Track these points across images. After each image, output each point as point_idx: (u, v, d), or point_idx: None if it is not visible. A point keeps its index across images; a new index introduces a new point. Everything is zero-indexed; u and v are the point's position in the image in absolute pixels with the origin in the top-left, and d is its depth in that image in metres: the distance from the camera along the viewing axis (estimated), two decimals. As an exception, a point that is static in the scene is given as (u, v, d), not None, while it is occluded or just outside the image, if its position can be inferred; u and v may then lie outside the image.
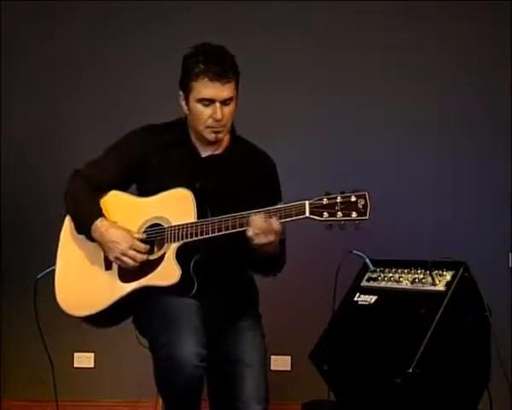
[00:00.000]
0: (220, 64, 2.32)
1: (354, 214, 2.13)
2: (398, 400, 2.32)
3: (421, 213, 3.82)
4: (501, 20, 3.83)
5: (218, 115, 2.34)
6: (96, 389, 3.84)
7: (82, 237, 2.42)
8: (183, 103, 2.41)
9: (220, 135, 2.40)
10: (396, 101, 3.87)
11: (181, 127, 2.47)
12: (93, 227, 2.36)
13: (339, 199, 2.15)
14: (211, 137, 2.40)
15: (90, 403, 3.81)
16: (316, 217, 2.15)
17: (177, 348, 2.10)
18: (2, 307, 3.78)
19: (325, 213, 2.14)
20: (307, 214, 2.15)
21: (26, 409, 3.78)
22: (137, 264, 2.32)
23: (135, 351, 2.50)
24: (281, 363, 3.79)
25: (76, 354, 3.85)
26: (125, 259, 2.31)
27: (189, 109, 2.40)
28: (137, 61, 3.89)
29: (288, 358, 3.83)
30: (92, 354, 3.86)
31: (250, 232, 2.20)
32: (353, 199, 2.14)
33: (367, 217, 2.13)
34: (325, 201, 2.15)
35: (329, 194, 2.16)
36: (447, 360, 2.37)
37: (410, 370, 2.25)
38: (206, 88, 2.33)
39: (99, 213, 2.38)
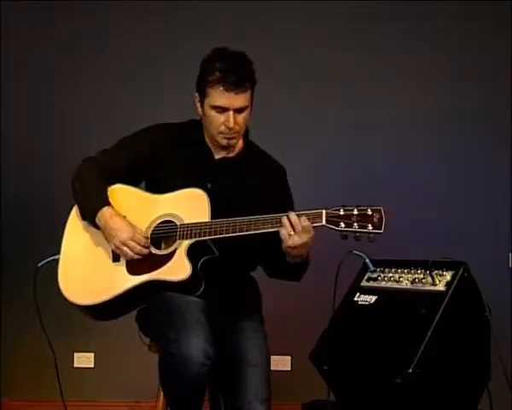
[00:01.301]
0: (237, 73, 2.33)
1: (370, 227, 2.19)
2: (398, 400, 2.32)
3: (421, 213, 3.82)
4: (501, 20, 3.83)
5: (231, 124, 2.36)
6: (96, 389, 3.84)
7: (89, 227, 2.42)
8: (198, 105, 2.43)
9: (232, 141, 2.43)
10: (396, 101, 3.88)
11: (195, 128, 2.49)
12: (99, 214, 2.36)
13: (355, 211, 2.20)
14: (223, 142, 2.43)
15: (90, 403, 3.81)
16: (332, 226, 2.20)
17: (185, 345, 2.10)
18: (2, 307, 3.79)
19: (341, 224, 2.20)
20: (324, 223, 2.20)
21: (26, 409, 3.78)
22: (134, 256, 2.32)
23: (135, 351, 2.50)
24: (281, 363, 3.79)
25: (76, 354, 3.85)
26: (124, 248, 2.32)
27: (203, 112, 2.42)
28: (138, 61, 3.89)
29: (288, 358, 3.83)
30: (92, 354, 3.86)
31: (283, 232, 2.22)
32: (369, 212, 2.20)
33: (382, 231, 2.19)
34: (342, 212, 2.20)
35: (345, 206, 2.21)
36: (447, 360, 2.37)
37: (410, 370, 2.25)
38: (221, 97, 2.34)
39: (107, 201, 2.38)
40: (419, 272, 2.53)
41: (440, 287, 2.43)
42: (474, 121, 3.86)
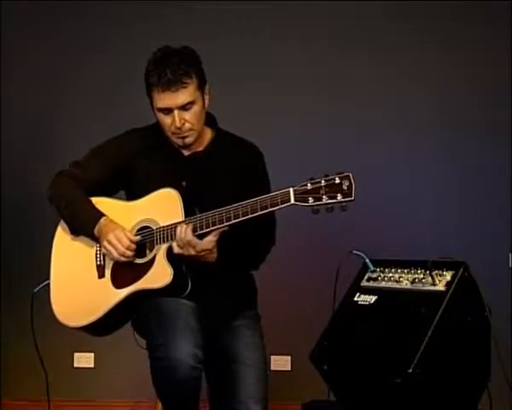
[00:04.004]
0: (172, 71, 2.28)
1: (339, 196, 2.10)
2: (398, 400, 2.31)
3: (421, 213, 3.82)
4: (501, 20, 3.83)
5: (177, 123, 2.33)
6: (96, 389, 3.84)
7: (74, 247, 2.43)
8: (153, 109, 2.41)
9: (188, 139, 2.39)
10: (396, 101, 3.87)
11: (162, 129, 2.44)
12: (97, 227, 2.36)
13: (323, 183, 2.12)
14: (178, 142, 2.40)
15: (90, 403, 3.81)
16: (301, 203, 2.13)
17: (172, 350, 2.10)
18: (2, 307, 3.78)
19: (310, 199, 2.12)
20: (292, 201, 2.13)
21: (27, 409, 3.78)
22: (119, 257, 2.31)
23: (135, 351, 2.50)
24: (281, 363, 3.79)
25: (76, 354, 3.85)
26: (108, 247, 2.32)
27: (155, 116, 2.40)
28: (138, 61, 3.87)
29: (288, 358, 3.82)
30: (92, 354, 3.86)
31: (174, 247, 2.24)
32: (337, 181, 2.11)
33: (352, 198, 2.10)
34: (309, 186, 2.13)
35: (313, 179, 2.14)
36: (447, 360, 2.36)
37: (410, 370, 2.25)
38: (161, 99, 2.32)
39: (99, 213, 2.38)
40: (419, 272, 2.52)
41: (440, 287, 2.42)
42: (474, 121, 3.85)
